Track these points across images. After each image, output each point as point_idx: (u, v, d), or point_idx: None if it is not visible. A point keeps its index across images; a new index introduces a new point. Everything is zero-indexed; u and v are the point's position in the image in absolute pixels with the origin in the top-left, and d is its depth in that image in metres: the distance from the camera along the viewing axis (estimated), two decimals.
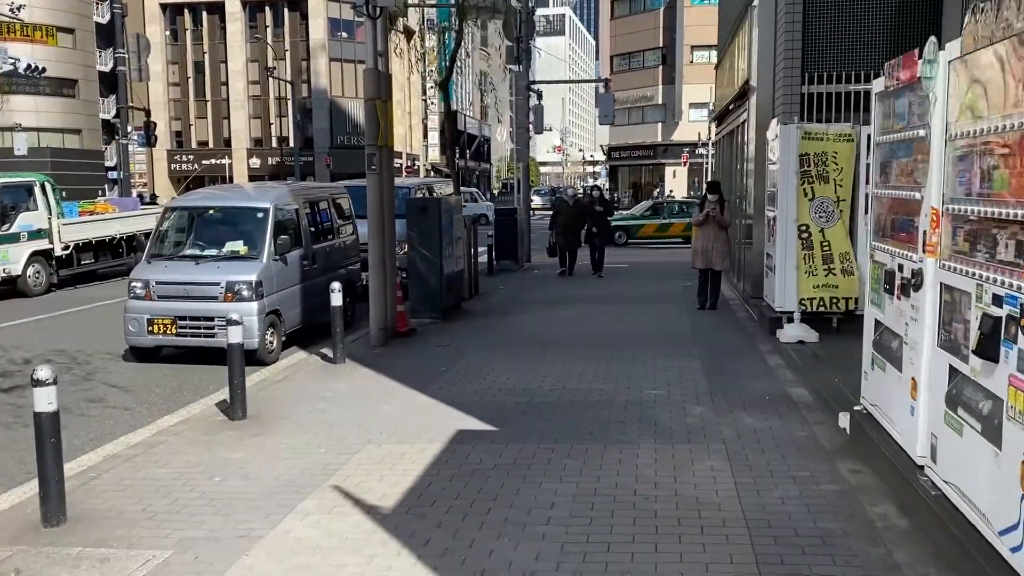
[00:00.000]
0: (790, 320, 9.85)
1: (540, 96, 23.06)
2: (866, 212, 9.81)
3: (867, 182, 9.73)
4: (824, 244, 9.72)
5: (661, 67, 60.38)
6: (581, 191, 18.47)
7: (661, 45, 60.38)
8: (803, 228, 9.69)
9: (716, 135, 20.16)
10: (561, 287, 15.32)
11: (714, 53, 57.56)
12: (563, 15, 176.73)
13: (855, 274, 9.75)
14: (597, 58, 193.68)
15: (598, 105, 22.22)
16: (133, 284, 9.99)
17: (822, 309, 9.78)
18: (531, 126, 22.81)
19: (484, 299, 14.10)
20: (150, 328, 9.81)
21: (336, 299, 9.24)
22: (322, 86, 57.83)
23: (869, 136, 9.85)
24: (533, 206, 63.39)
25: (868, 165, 9.77)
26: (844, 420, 6.21)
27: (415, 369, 8.90)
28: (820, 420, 6.54)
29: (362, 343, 10.41)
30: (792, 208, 9.71)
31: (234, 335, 7.12)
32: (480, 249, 17.56)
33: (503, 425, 6.67)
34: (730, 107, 15.57)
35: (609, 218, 17.68)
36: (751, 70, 13.17)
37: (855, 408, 6.01)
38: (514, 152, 20.73)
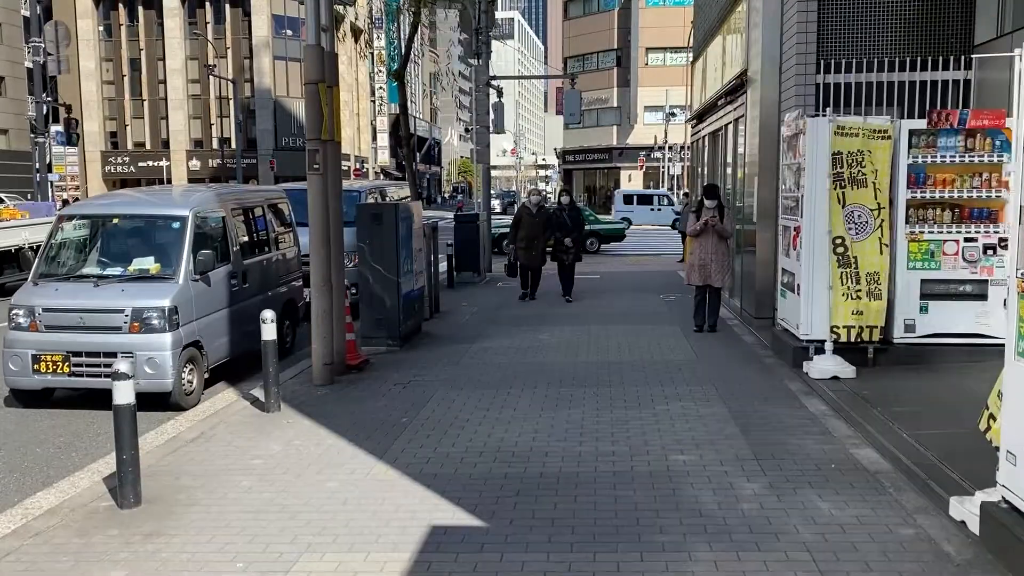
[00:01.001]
0: (819, 351, 8.24)
1: (500, 93, 21.31)
2: (907, 222, 8.32)
3: (908, 187, 8.25)
4: (854, 260, 8.15)
5: (616, 69, 59.23)
6: (539, 194, 14.85)
7: (616, 47, 59.20)
8: (838, 241, 8.09)
9: (693, 136, 18.63)
10: (531, 304, 13.55)
11: (669, 55, 57.16)
12: (512, 19, 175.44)
13: (883, 298, 8.19)
14: (546, 62, 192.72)
15: (563, 104, 20.55)
16: (14, 312, 8.00)
17: (858, 339, 8.20)
18: (491, 125, 21.07)
19: (447, 319, 12.29)
20: (36, 366, 7.86)
21: (268, 331, 7.37)
22: (266, 85, 55.37)
23: (910, 132, 8.39)
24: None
25: (908, 167, 8.29)
26: (961, 510, 4.57)
27: (369, 419, 7.07)
28: (921, 506, 4.89)
29: (304, 380, 8.54)
30: (824, 217, 8.11)
31: (123, 393, 5.21)
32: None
33: (492, 516, 4.89)
34: (718, 103, 14.00)
35: (583, 228, 14.66)
36: (749, 59, 11.60)
37: (986, 499, 4.37)
38: (473, 153, 18.91)
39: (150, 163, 55.45)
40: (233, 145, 50.86)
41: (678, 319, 11.88)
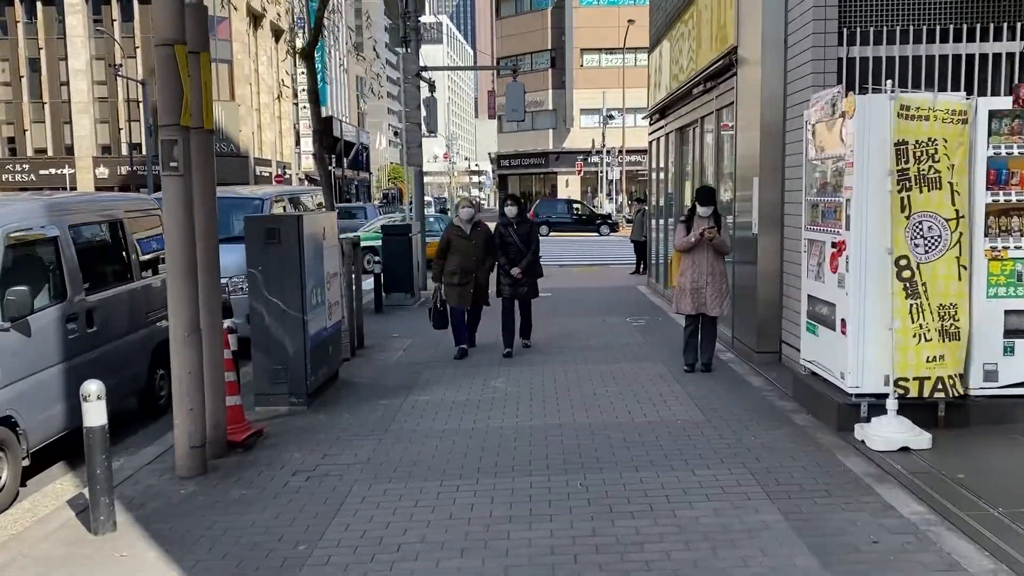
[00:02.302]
0: (875, 407, 6.09)
1: (433, 87, 18.93)
2: (986, 234, 6.26)
3: (987, 187, 6.18)
4: (923, 288, 6.03)
5: (550, 70, 57.27)
6: (473, 205, 10.30)
7: (550, 47, 57.25)
8: (903, 263, 5.96)
9: (652, 134, 16.52)
10: (477, 336, 11.01)
11: (605, 56, 55.42)
12: (440, 23, 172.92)
13: (961, 339, 6.10)
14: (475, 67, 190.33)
15: (504, 99, 18.27)
16: None
17: (941, 394, 6.07)
18: (423, 123, 18.68)
19: (373, 358, 9.85)
20: None
21: (92, 413, 4.85)
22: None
23: (990, 114, 6.33)
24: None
25: (988, 159, 6.24)
26: None
27: (250, 545, 4.64)
28: None
29: (166, 466, 6.05)
30: (882, 230, 5.97)
31: None
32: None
33: None
34: (692, 91, 11.87)
35: (538, 251, 9.95)
36: (741, 33, 9.49)
37: None
38: (403, 154, 16.47)
39: (52, 171, 51.29)
40: (144, 151, 47.29)
41: (659, 352, 9.68)
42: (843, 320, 6.33)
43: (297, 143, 67.60)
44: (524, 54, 57.43)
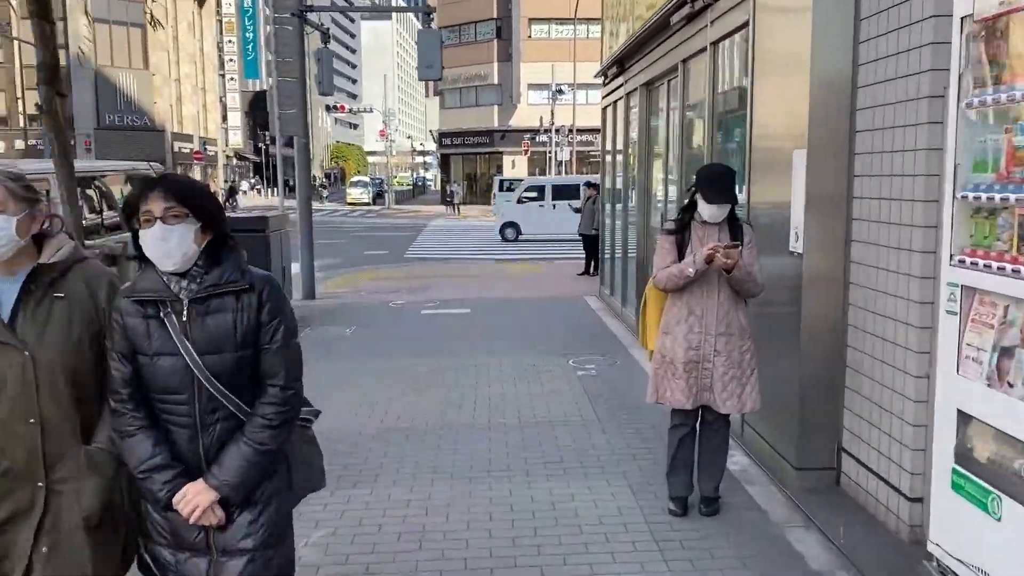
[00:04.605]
0: None
1: (327, 37, 14.69)
2: None
3: None
4: None
5: (496, 41, 52.86)
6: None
7: (496, 16, 52.82)
8: None
9: (607, 97, 12.47)
10: (326, 392, 6.88)
11: (555, 27, 51.08)
12: None
13: None
14: None
15: (418, 54, 14.16)
16: None
17: None
18: (316, 83, 14.49)
19: None
20: None
21: None
22: (84, 53, 46.46)
23: None
24: (351, 200, 54.49)
25: None
26: None
27: None
28: None
29: None
30: None
31: None
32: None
33: None
34: (672, 20, 7.77)
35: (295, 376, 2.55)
36: None
37: None
38: (276, 118, 12.20)
39: None
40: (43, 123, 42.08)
41: (622, 449, 5.67)
42: None
43: (224, 119, 62.40)
44: (468, 23, 52.99)
